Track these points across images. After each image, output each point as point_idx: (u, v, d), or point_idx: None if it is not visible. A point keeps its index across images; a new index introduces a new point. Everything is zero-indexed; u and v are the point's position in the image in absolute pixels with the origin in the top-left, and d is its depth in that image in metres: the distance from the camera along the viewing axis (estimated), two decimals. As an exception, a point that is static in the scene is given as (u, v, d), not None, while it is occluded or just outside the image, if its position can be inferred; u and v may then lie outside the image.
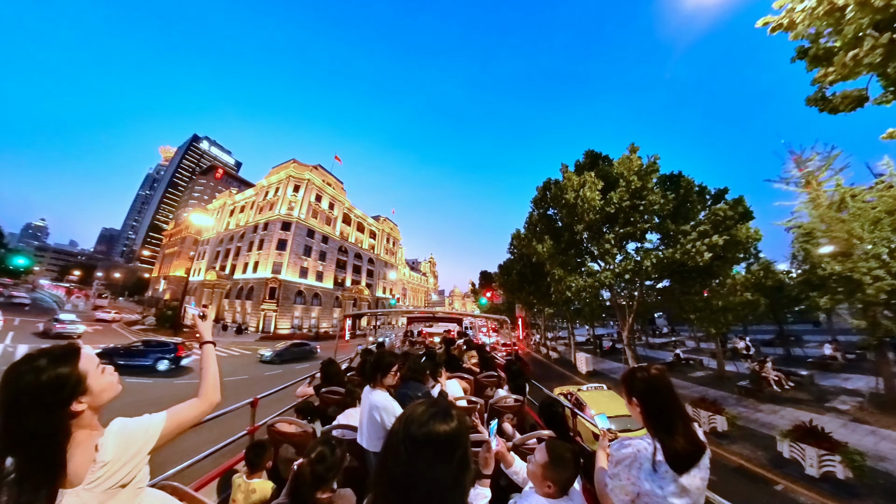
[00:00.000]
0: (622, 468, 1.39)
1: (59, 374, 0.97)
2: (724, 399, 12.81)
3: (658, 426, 1.35)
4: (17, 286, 50.74)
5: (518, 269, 24.94)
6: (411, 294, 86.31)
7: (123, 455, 1.02)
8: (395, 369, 2.54)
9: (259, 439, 2.71)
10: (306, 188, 47.78)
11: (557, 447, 1.55)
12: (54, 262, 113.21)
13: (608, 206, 12.08)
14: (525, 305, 29.17)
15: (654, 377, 1.40)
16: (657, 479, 1.29)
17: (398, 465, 0.80)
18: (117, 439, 1.02)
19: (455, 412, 0.88)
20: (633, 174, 11.92)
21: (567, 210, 13.70)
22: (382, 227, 68.98)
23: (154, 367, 14.20)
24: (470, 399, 3.49)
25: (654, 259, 10.97)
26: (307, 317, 45.16)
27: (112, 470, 0.99)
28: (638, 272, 11.44)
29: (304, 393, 4.01)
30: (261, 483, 2.25)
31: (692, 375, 17.56)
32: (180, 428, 1.19)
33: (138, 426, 1.09)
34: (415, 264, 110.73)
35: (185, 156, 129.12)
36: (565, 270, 13.95)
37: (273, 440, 2.72)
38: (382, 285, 64.77)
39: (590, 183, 12.43)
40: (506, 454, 1.86)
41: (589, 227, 13.20)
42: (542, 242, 15.01)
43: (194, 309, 1.80)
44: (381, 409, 2.26)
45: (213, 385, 1.35)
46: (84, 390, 1.02)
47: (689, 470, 1.28)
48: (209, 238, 58.22)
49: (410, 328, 13.61)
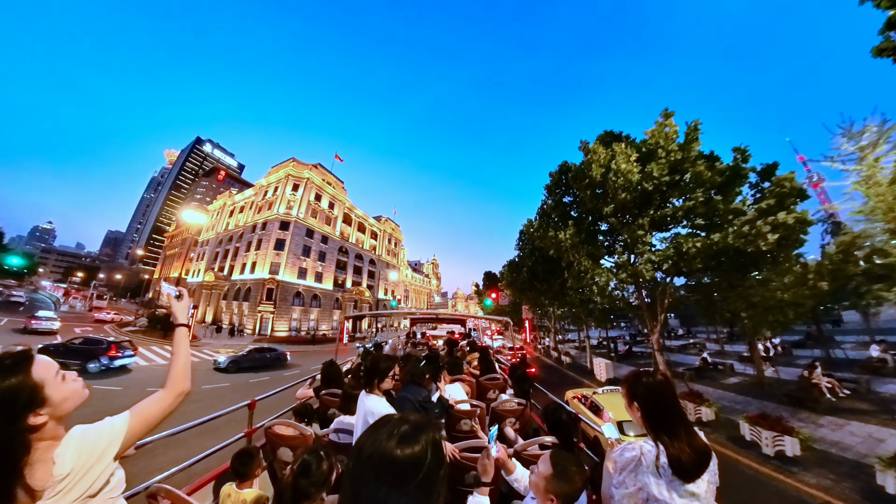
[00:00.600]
0: (627, 474, 1.37)
1: (9, 385, 0.89)
2: (773, 411, 11.05)
3: (659, 432, 1.33)
4: (21, 287, 53.10)
5: (529, 266, 22.85)
6: (413, 296, 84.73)
7: (85, 464, 0.95)
8: (392, 374, 2.48)
9: (245, 447, 2.41)
10: (305, 187, 46.62)
11: (563, 459, 1.46)
12: (58, 264, 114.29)
13: (647, 181, 9.95)
14: (533, 306, 27.39)
15: (659, 383, 1.38)
16: (663, 483, 1.27)
17: (350, 487, 0.70)
18: (76, 448, 0.96)
19: (426, 436, 0.74)
20: (672, 144, 10.00)
21: (591, 191, 11.79)
22: (384, 227, 67.62)
23: (84, 368, 12.73)
24: (472, 402, 3.40)
25: (699, 245, 9.00)
26: (306, 319, 43.75)
27: (73, 481, 0.93)
28: (679, 261, 9.51)
29: (304, 395, 3.93)
30: (253, 493, 2.05)
31: (726, 382, 15.71)
32: (149, 425, 1.12)
33: (98, 432, 1.02)
34: (417, 266, 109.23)
35: (189, 158, 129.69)
36: (593, 262, 11.90)
37: (270, 443, 2.68)
38: (384, 287, 63.28)
39: (622, 154, 10.32)
40: (506, 461, 1.81)
41: (620, 210, 11.12)
42: (562, 230, 13.00)
43: (169, 288, 1.48)
44: (377, 415, 2.07)
45: (183, 373, 1.25)
46: (42, 401, 0.94)
47: (695, 479, 1.26)
48: (208, 239, 57.60)
49: (413, 329, 12.71)
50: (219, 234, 54.75)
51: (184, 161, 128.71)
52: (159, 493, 1.49)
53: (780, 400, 12.00)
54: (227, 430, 2.91)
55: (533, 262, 22.07)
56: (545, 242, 14.64)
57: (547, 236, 14.27)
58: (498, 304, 37.91)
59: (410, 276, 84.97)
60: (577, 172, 12.61)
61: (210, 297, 45.36)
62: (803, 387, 12.15)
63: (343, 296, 50.84)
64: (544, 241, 14.76)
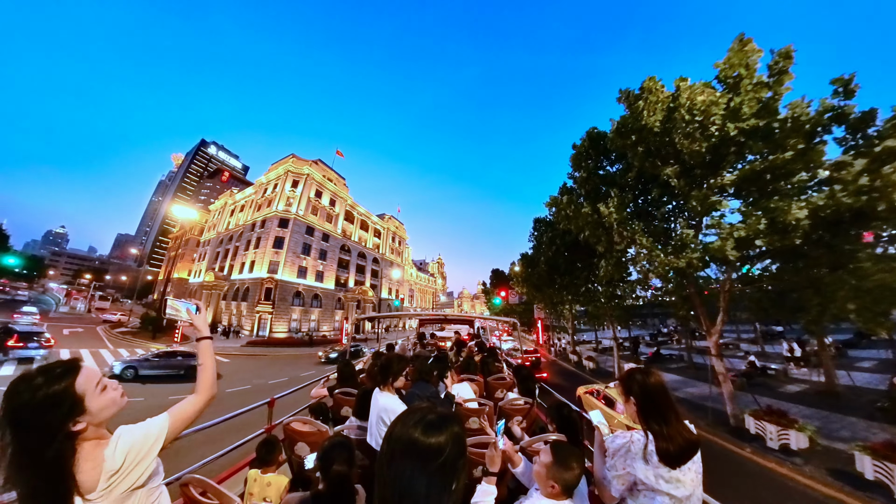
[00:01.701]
0: (618, 458, 1.47)
1: (53, 392, 0.97)
2: (867, 429, 8.69)
3: (651, 423, 1.43)
4: (31, 288, 59.12)
5: (548, 258, 19.84)
6: (419, 295, 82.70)
7: (134, 460, 1.05)
8: (405, 373, 2.65)
9: (268, 437, 2.62)
10: (305, 183, 44.97)
11: (562, 448, 1.57)
12: (68, 266, 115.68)
13: (732, 120, 7.12)
14: (548, 305, 24.89)
15: (652, 383, 1.47)
16: (650, 468, 1.36)
17: (382, 466, 0.79)
18: (124, 447, 1.05)
19: (449, 425, 0.82)
20: (755, 77, 7.15)
21: (644, 148, 9.01)
22: (388, 225, 65.76)
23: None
24: (480, 401, 3.45)
25: (807, 209, 6.32)
26: (306, 319, 42.05)
27: (122, 476, 1.03)
28: (771, 236, 6.75)
29: (319, 394, 4.05)
30: (276, 477, 2.29)
31: (785, 391, 13.27)
32: (185, 425, 1.26)
33: (143, 433, 1.12)
34: (422, 265, 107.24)
35: (193, 161, 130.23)
36: (653, 241, 9.15)
37: (289, 439, 2.81)
38: (388, 286, 61.42)
39: (694, 89, 7.58)
40: (512, 454, 1.92)
41: (686, 171, 8.38)
42: (603, 203, 10.10)
43: (187, 303, 1.55)
44: (390, 412, 2.31)
45: (211, 381, 1.39)
46: (82, 410, 1.02)
47: (682, 465, 1.36)
48: (209, 239, 56.61)
49: (422, 330, 12.92)
50: (219, 234, 53.69)
51: (189, 163, 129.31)
52: (191, 483, 1.67)
53: (871, 414, 9.63)
54: (246, 430, 3.11)
55: (553, 252, 19.24)
56: (577, 222, 11.94)
57: (580, 213, 11.65)
58: (507, 304, 35.57)
59: (415, 276, 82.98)
60: (622, 126, 9.69)
61: (210, 297, 44.02)
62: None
63: (345, 295, 49.08)
64: (576, 220, 12.08)
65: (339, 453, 1.58)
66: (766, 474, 6.93)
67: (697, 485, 1.36)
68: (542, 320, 26.34)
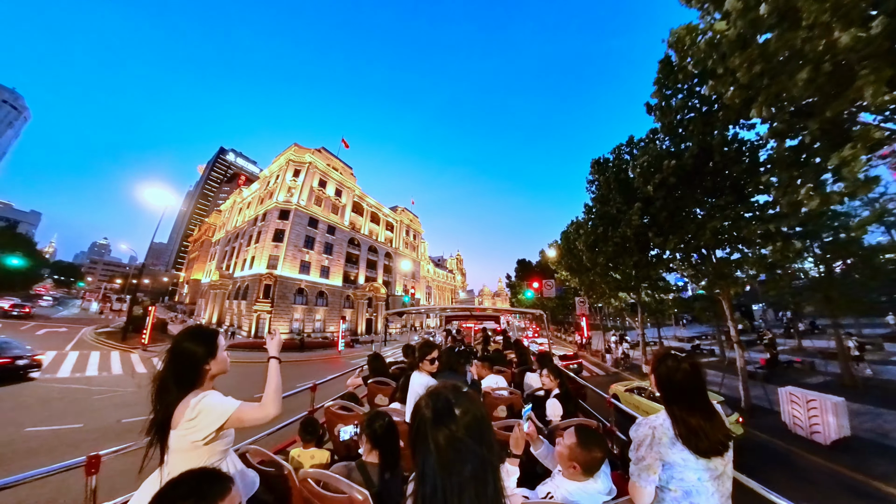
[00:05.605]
0: (645, 449, 1.42)
1: (211, 332, 1.53)
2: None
3: (672, 407, 1.42)
4: (69, 293, 70.69)
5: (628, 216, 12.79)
6: (437, 292, 77.97)
7: (202, 420, 1.30)
8: (433, 356, 2.93)
9: (309, 417, 3.11)
10: (307, 172, 41.50)
11: (585, 430, 1.62)
12: (105, 272, 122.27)
13: None
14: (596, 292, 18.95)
15: (682, 371, 1.42)
16: (679, 450, 1.34)
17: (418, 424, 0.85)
18: (200, 405, 1.32)
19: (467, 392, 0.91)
20: None
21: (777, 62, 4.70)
22: (401, 217, 61.55)
23: None
24: (509, 390, 3.74)
25: None
26: (310, 319, 38.44)
27: (192, 427, 1.29)
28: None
29: (354, 383, 4.45)
30: (318, 451, 2.59)
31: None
32: (240, 422, 1.39)
33: (216, 403, 1.36)
34: (440, 261, 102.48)
35: (213, 168, 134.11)
36: None
37: (328, 421, 3.27)
38: (402, 282, 57.18)
39: None
40: (535, 437, 1.96)
41: None
42: None
43: (270, 336, 1.82)
44: (427, 386, 2.19)
45: (272, 398, 1.47)
46: (214, 355, 1.47)
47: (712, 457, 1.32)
48: (219, 239, 55.15)
49: (448, 327, 12.57)
50: (227, 233, 51.88)
51: (209, 171, 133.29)
52: (249, 453, 2.01)
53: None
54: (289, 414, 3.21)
55: (629, 211, 12.55)
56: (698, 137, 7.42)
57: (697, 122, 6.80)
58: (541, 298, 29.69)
59: (433, 272, 78.36)
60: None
61: (216, 297, 41.69)
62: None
63: (355, 293, 45.26)
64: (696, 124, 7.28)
65: (380, 416, 1.90)
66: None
67: (728, 462, 1.36)
68: (585, 316, 20.56)
